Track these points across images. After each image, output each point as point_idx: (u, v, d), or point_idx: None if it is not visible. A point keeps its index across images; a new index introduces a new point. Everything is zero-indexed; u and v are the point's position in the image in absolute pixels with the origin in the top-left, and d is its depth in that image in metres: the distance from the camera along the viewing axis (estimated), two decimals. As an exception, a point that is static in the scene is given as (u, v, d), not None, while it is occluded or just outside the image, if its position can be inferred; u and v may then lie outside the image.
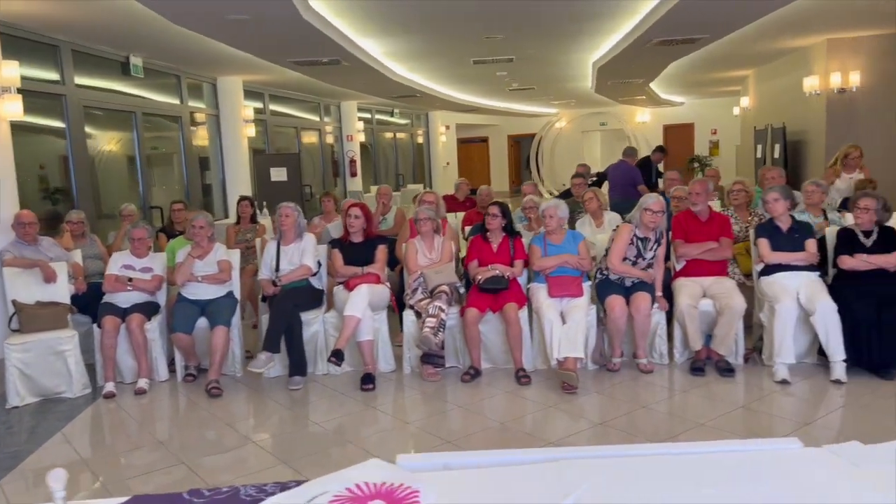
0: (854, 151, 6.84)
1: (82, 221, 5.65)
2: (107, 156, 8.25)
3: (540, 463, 1.77)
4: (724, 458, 1.81)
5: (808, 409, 4.14)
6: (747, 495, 1.56)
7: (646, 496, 1.58)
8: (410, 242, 5.20)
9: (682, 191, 5.71)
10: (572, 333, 4.54)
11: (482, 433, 3.95)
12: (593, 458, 1.78)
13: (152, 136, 10.04)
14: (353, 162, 15.91)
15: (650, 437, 3.76)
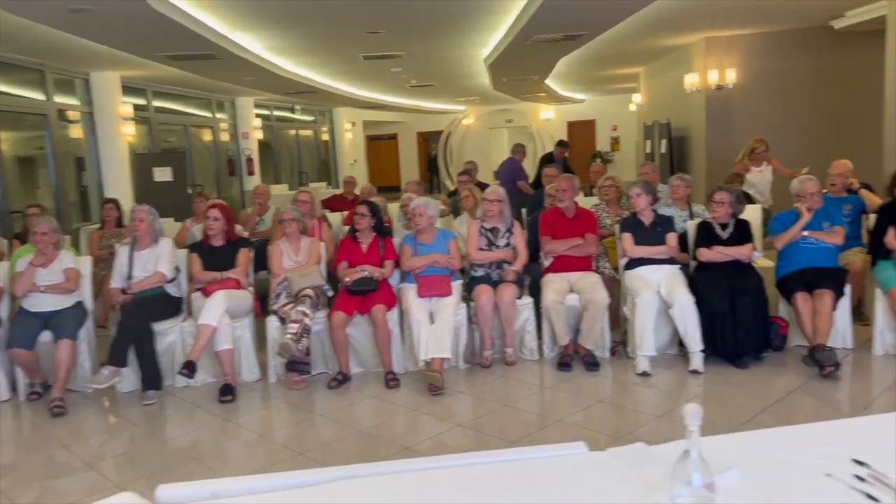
0: (760, 146, 6.95)
1: None
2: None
3: (313, 486, 1.64)
4: (508, 467, 1.74)
5: (665, 400, 4.20)
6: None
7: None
8: (275, 244, 4.99)
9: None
10: (439, 333, 4.47)
11: (342, 441, 3.82)
12: (369, 477, 1.67)
13: (24, 136, 9.40)
14: (250, 160, 15.42)
15: (509, 436, 3.71)
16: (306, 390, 4.58)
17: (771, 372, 4.46)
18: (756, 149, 7.04)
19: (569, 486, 1.60)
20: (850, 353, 4.70)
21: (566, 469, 1.71)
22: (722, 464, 1.63)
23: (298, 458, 3.56)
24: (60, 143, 9.16)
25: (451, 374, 4.69)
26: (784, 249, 4.84)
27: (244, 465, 3.56)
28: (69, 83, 9.51)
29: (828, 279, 4.56)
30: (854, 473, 1.56)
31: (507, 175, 9.03)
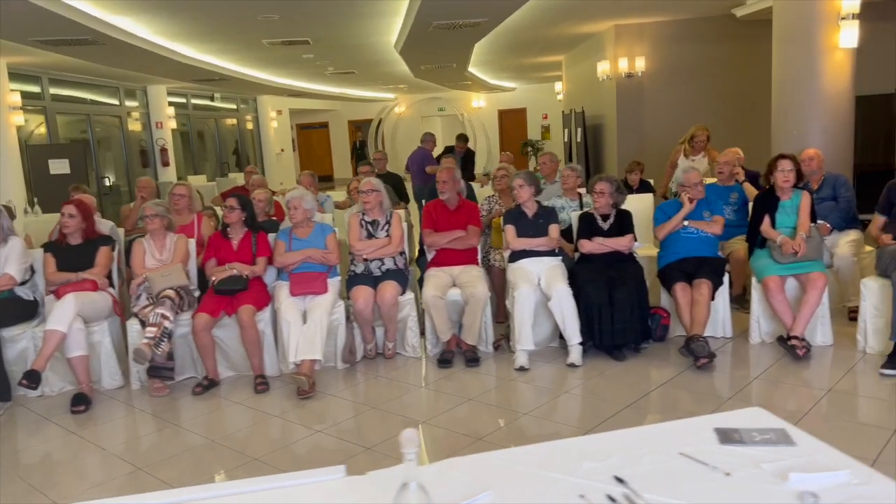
0: (700, 133, 6.69)
1: None
2: None
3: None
4: (263, 496, 1.57)
5: (538, 396, 4.10)
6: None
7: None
8: (138, 242, 4.69)
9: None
10: (310, 334, 4.26)
11: (189, 453, 3.56)
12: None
13: None
14: (164, 151, 14.83)
15: (367, 441, 3.54)
16: (169, 397, 4.31)
17: (648, 364, 4.42)
18: (696, 136, 6.85)
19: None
20: (729, 342, 4.70)
21: (317, 497, 1.55)
22: (480, 484, 1.49)
23: (135, 475, 3.31)
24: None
25: (327, 376, 4.50)
26: (665, 239, 4.80)
27: (74, 485, 3.29)
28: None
29: (706, 269, 4.53)
30: (608, 494, 1.44)
31: (418, 164, 8.87)
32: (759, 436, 1.73)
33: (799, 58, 5.68)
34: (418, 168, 8.77)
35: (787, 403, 3.75)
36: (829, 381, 3.94)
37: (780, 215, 4.61)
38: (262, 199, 5.61)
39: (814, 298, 4.30)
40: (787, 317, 4.37)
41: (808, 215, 4.55)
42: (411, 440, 1.25)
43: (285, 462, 3.36)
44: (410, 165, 9.03)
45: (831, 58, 5.58)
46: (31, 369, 4.04)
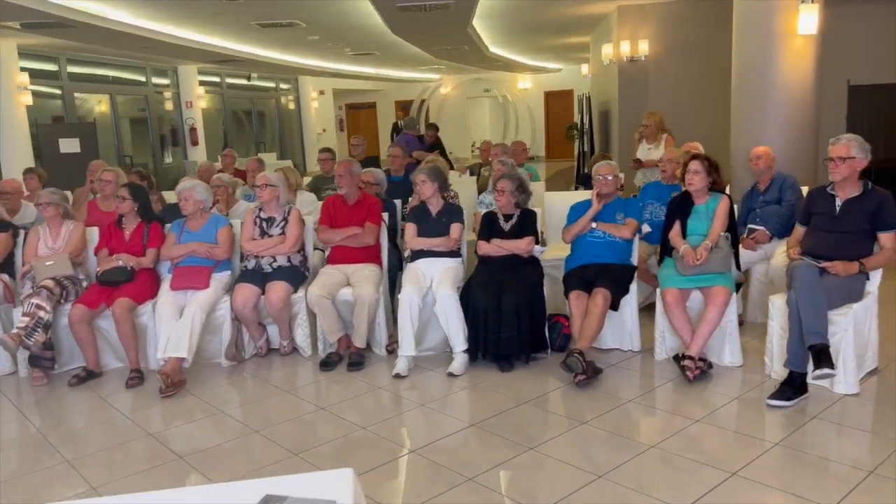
0: (647, 119, 6.52)
1: None
2: None
3: None
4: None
5: (393, 408, 3.87)
6: None
7: None
8: (34, 230, 4.71)
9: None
10: (180, 331, 4.17)
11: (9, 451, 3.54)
12: None
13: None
14: (193, 130, 15.12)
15: (187, 448, 3.42)
16: (48, 387, 4.32)
17: (532, 377, 4.11)
18: (644, 123, 6.55)
19: None
20: (635, 357, 4.34)
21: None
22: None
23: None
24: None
25: (205, 372, 4.42)
26: (573, 243, 4.46)
27: None
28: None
29: (606, 277, 4.17)
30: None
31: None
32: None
33: (755, 45, 5.13)
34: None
35: (641, 433, 3.40)
36: (704, 410, 3.55)
37: (693, 221, 4.20)
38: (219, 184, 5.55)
39: (713, 315, 3.89)
40: (686, 333, 3.97)
41: (723, 222, 4.11)
42: None
43: (83, 462, 3.28)
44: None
45: (790, 45, 5.00)
46: None
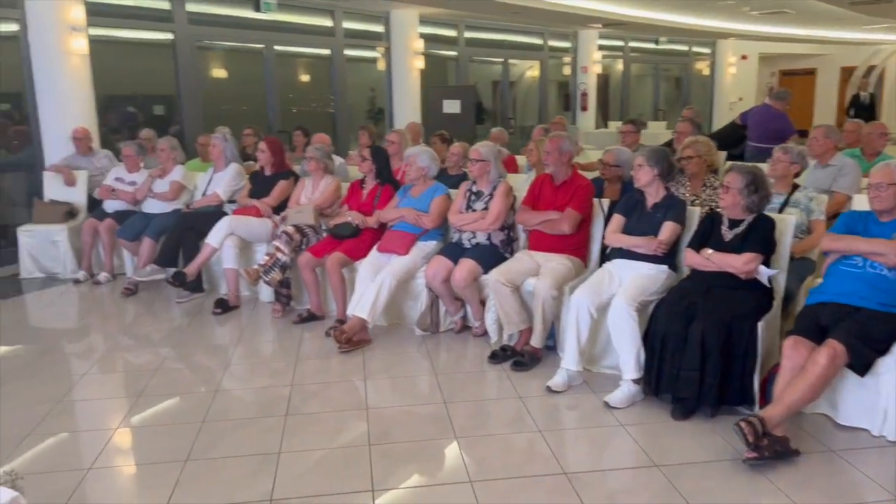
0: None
1: (88, 137, 6.66)
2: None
3: None
4: None
5: (508, 421, 3.32)
6: None
7: None
8: (302, 181, 5.29)
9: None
10: (368, 293, 4.28)
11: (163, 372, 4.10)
12: None
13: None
14: (584, 95, 15.21)
15: (295, 404, 3.50)
16: (282, 319, 4.88)
17: (706, 435, 3.11)
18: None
19: None
20: (888, 449, 2.94)
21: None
22: None
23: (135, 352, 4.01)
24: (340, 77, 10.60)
25: (394, 335, 4.47)
26: (829, 266, 3.20)
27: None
28: (376, 19, 10.79)
29: (852, 327, 2.90)
30: None
31: (760, 127, 7.29)
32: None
33: None
34: (761, 132, 7.14)
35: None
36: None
37: None
38: (456, 152, 5.63)
39: None
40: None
41: None
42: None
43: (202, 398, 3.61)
44: (752, 123, 7.42)
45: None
46: (180, 270, 5.09)
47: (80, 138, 6.55)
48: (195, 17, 8.15)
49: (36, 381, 3.88)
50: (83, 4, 6.69)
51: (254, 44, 9.15)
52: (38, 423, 3.34)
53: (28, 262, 6.09)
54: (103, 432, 3.26)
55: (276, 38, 9.28)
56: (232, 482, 2.82)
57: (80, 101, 6.78)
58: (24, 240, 6.07)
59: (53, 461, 3.03)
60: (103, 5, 7.32)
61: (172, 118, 8.45)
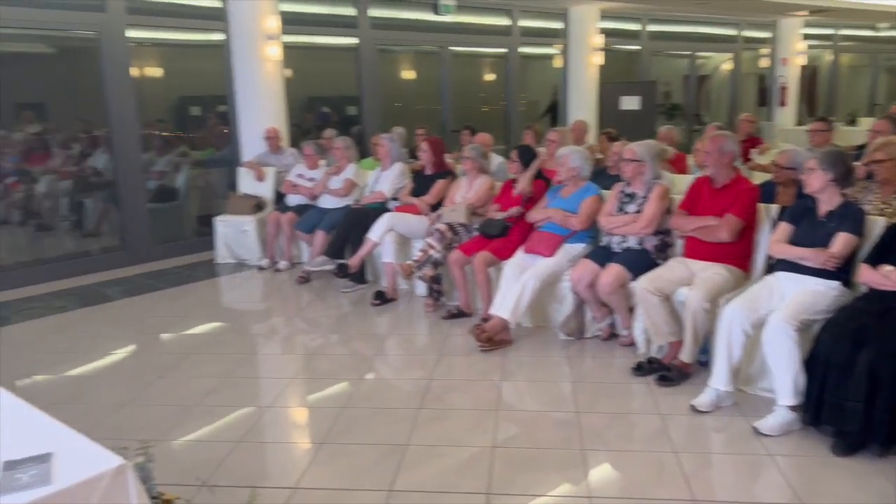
0: None
1: (277, 137, 7.25)
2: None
3: None
4: None
5: (644, 438, 3.12)
6: None
7: None
8: (458, 180, 5.39)
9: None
10: (511, 293, 4.27)
11: (346, 358, 4.31)
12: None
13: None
14: (783, 89, 13.97)
15: (429, 398, 3.57)
16: (434, 314, 5.00)
17: (871, 477, 2.73)
18: None
19: None
20: None
21: None
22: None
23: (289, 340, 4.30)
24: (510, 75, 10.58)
25: (538, 337, 4.41)
26: None
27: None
28: (556, 16, 10.72)
29: None
30: None
31: None
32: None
33: None
34: None
35: None
36: None
37: None
38: (617, 151, 5.42)
39: None
40: None
41: None
42: None
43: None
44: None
45: None
46: (343, 262, 5.38)
47: (271, 137, 7.18)
48: (378, 21, 8.59)
49: (214, 356, 4.32)
50: (279, 15, 7.32)
51: (431, 45, 9.46)
52: (205, 395, 3.72)
53: (222, 248, 6.79)
54: (255, 409, 3.56)
55: (453, 39, 9.52)
56: (356, 469, 2.94)
57: (272, 104, 7.43)
58: (219, 229, 6.77)
59: (207, 432, 3.35)
60: (298, 14, 7.95)
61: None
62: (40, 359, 4.36)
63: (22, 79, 6.87)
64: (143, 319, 5.13)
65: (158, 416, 3.47)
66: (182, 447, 3.19)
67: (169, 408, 3.57)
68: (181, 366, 4.18)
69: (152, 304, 5.56)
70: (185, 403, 3.62)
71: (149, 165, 7.26)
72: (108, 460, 1.53)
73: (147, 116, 7.28)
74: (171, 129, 7.79)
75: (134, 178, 6.75)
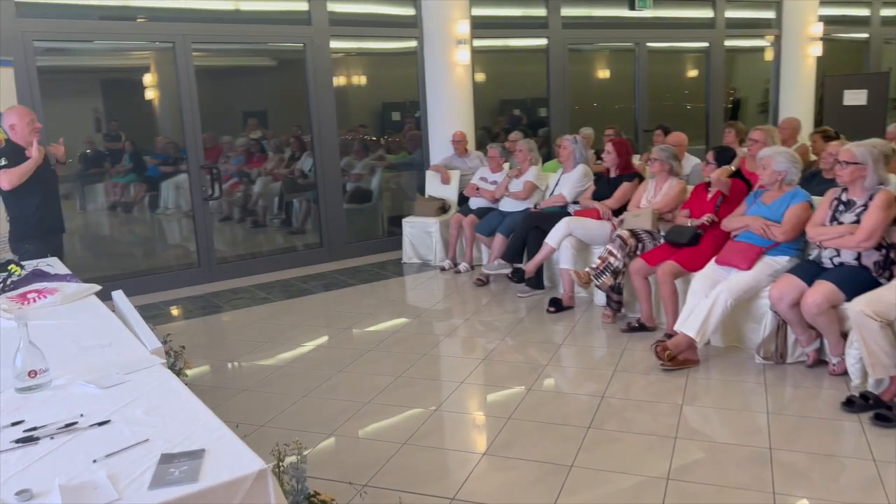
0: None
1: (464, 140, 7.27)
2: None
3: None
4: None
5: (851, 486, 2.64)
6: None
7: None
8: (644, 182, 5.05)
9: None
10: (699, 309, 3.91)
11: (524, 366, 4.18)
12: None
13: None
14: None
15: (596, 420, 3.33)
16: (611, 326, 4.75)
17: None
18: None
19: None
20: None
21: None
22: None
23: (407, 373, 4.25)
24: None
25: (728, 359, 4.00)
26: None
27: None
28: (767, 5, 9.82)
29: None
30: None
31: None
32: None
33: None
34: None
35: None
36: None
37: None
38: (833, 151, 4.79)
39: None
40: None
41: None
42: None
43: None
44: None
45: None
46: (518, 267, 5.26)
47: (458, 141, 7.28)
48: (569, 21, 8.38)
49: (391, 354, 4.43)
50: (469, 20, 7.40)
51: (625, 42, 9.06)
52: (378, 392, 3.81)
53: (409, 248, 7.00)
54: (423, 412, 3.57)
55: (650, 34, 9.05)
56: (516, 486, 2.83)
57: (460, 108, 7.54)
58: (406, 229, 6.98)
59: (373, 431, 3.41)
60: (488, 18, 8.00)
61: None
62: (241, 346, 4.75)
63: (248, 89, 7.63)
64: (333, 313, 5.42)
65: (332, 411, 3.60)
66: (347, 444, 3.27)
67: (343, 403, 3.70)
68: (360, 361, 4.32)
69: (343, 298, 5.87)
70: (359, 399, 3.72)
71: (349, 168, 7.71)
72: (253, 463, 1.55)
73: (351, 122, 7.74)
74: (371, 133, 8.20)
75: (333, 180, 7.17)
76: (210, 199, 6.50)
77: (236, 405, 3.74)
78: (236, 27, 6.59)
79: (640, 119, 9.15)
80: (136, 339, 2.48)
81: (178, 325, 5.33)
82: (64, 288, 3.11)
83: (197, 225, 6.49)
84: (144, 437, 1.69)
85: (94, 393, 1.99)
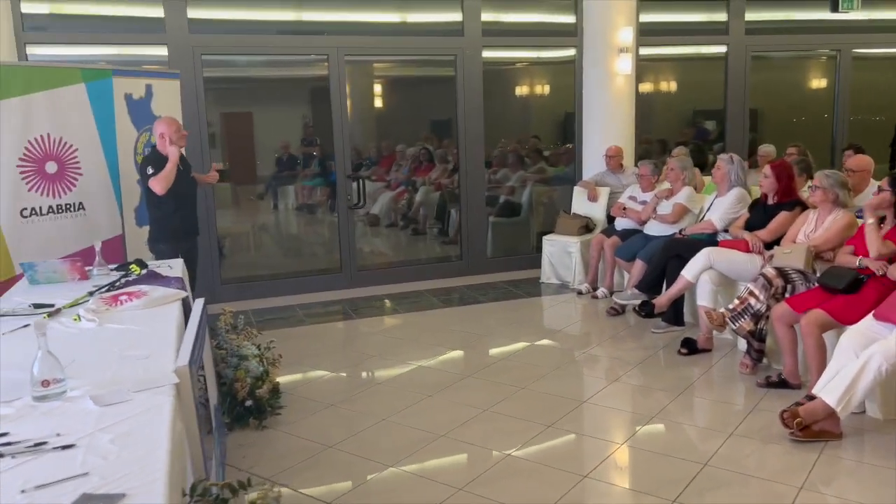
0: None
1: (619, 155, 6.74)
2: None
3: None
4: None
5: None
6: None
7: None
8: (805, 213, 4.30)
9: None
10: (845, 371, 3.23)
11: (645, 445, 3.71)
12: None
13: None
14: None
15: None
16: (736, 372, 4.13)
17: None
18: None
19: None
20: None
21: None
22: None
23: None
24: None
25: (880, 438, 3.28)
26: None
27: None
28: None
29: None
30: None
31: None
32: None
33: None
34: None
35: None
36: None
37: None
38: None
39: None
40: None
41: None
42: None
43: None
44: None
45: None
46: (648, 300, 4.71)
47: (612, 156, 6.80)
48: (751, 25, 7.54)
49: (488, 383, 4.17)
50: (633, 27, 6.90)
51: (824, 48, 7.96)
52: (457, 425, 3.58)
53: (547, 268, 6.66)
54: (494, 454, 3.29)
55: (855, 39, 7.86)
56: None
57: (619, 120, 7.05)
58: (546, 248, 6.66)
59: (435, 468, 3.19)
60: (660, 24, 7.43)
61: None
62: (348, 357, 4.77)
63: (433, 99, 7.74)
64: (450, 331, 5.29)
65: (404, 440, 3.43)
66: (402, 481, 3.08)
67: (419, 432, 3.52)
68: (456, 387, 4.13)
69: (467, 316, 5.73)
70: (436, 431, 3.52)
71: (503, 180, 7.55)
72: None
73: (523, 132, 7.68)
74: (548, 144, 7.98)
75: (476, 192, 7.04)
76: (355, 208, 6.65)
77: (316, 421, 3.70)
78: (386, 39, 6.69)
79: (837, 136, 7.98)
80: (175, 353, 2.49)
81: (300, 329, 5.46)
82: (152, 292, 3.25)
83: (341, 232, 6.67)
84: (86, 471, 1.64)
85: (89, 410, 1.99)
